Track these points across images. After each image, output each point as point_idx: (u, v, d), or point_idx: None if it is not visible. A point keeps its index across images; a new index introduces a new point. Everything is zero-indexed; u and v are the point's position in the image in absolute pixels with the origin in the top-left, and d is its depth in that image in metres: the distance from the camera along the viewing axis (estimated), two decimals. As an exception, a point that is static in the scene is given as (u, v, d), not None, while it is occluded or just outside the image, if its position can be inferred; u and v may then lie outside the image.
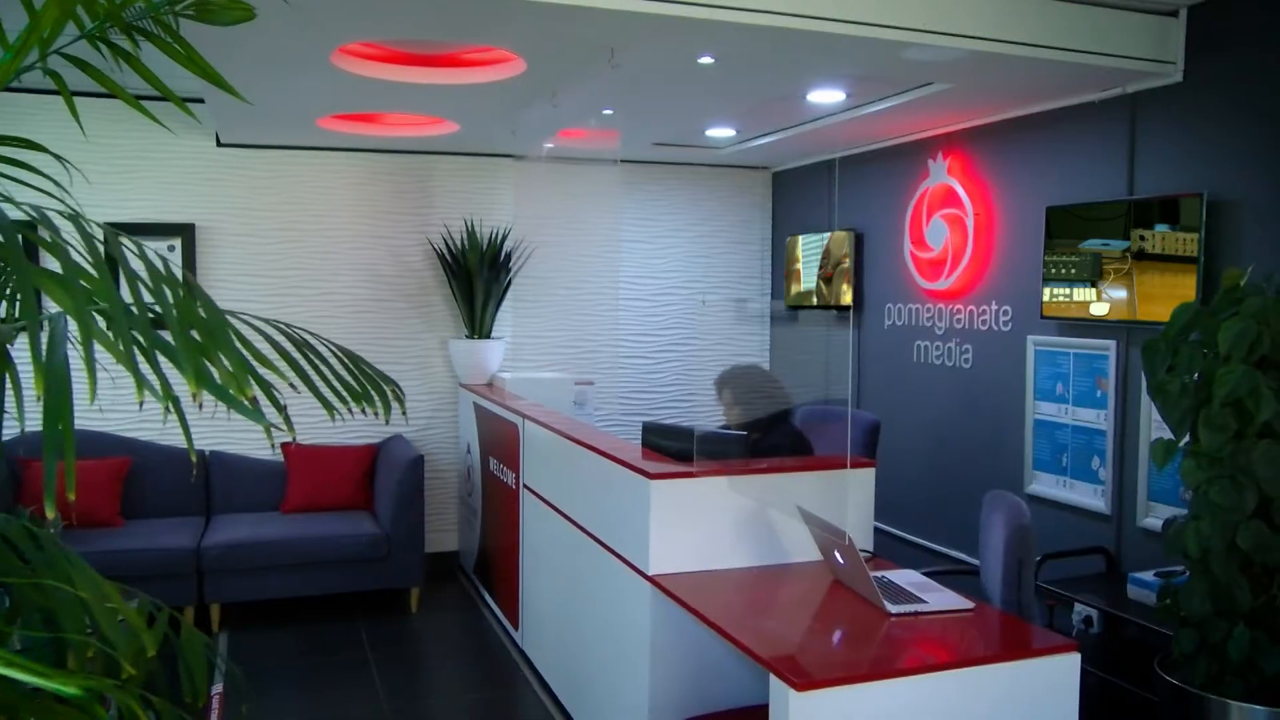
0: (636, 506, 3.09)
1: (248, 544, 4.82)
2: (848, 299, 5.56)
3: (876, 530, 5.32)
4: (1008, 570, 2.77)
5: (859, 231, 5.48)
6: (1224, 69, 3.43)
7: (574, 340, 6.15)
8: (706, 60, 3.51)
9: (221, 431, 5.45)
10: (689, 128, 5.03)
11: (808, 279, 6.05)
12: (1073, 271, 3.96)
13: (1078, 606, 3.85)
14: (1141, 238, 3.62)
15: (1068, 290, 3.97)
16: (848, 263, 5.56)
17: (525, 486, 4.40)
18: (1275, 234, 3.22)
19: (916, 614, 2.60)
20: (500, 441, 4.85)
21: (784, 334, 6.56)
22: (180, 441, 5.35)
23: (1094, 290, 3.84)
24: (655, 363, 6.32)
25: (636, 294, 6.27)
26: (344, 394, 1.24)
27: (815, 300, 5.99)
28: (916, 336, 5.05)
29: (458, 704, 4.12)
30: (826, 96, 4.24)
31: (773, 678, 2.25)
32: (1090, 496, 4.02)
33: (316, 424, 5.61)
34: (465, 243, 5.61)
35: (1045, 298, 4.09)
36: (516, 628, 4.59)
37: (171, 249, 5.32)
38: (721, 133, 5.20)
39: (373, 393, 1.24)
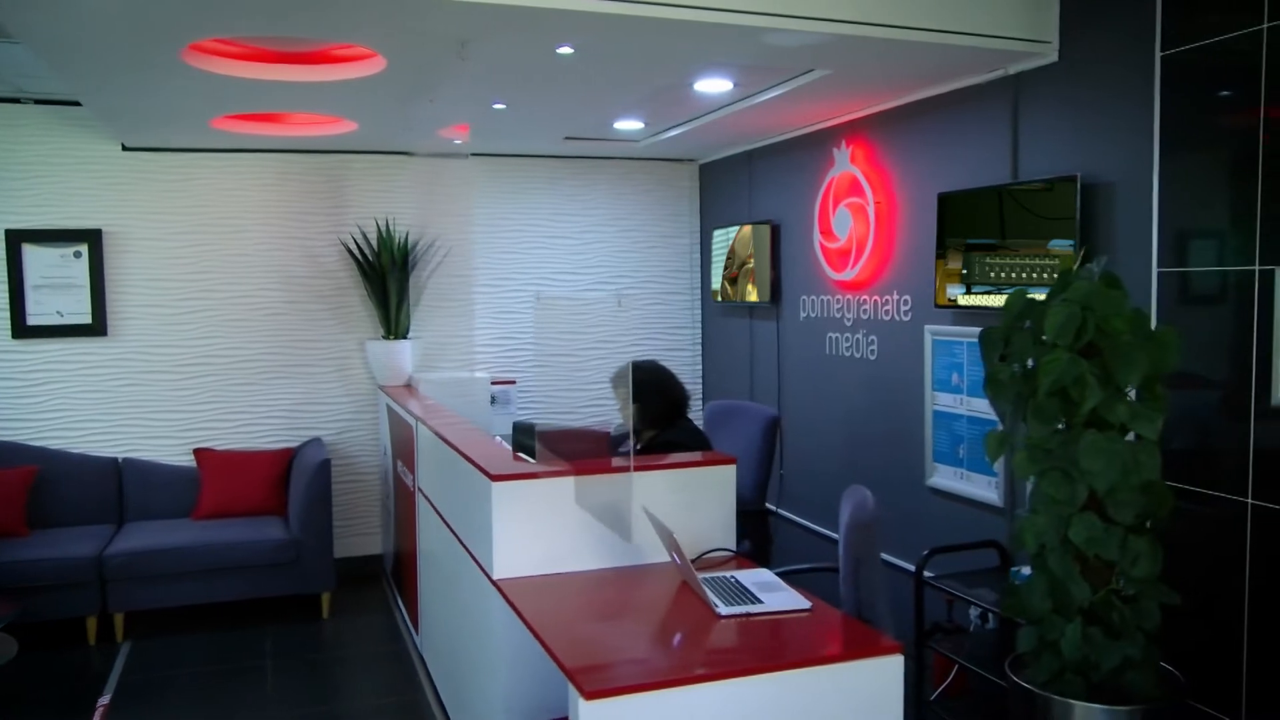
0: (482, 508, 3.01)
1: (151, 552, 4.76)
2: (754, 298, 5.46)
3: (790, 522, 5.28)
4: (845, 568, 2.69)
5: (775, 223, 5.38)
6: (1096, 48, 3.34)
7: (496, 339, 6.07)
8: (566, 50, 3.43)
9: (134, 438, 5.39)
10: (591, 121, 4.93)
11: (714, 278, 5.98)
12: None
13: (973, 603, 3.77)
14: None
15: None
16: (752, 263, 5.47)
17: (419, 489, 4.33)
18: (1143, 216, 3.13)
19: (748, 615, 2.53)
20: (402, 444, 4.78)
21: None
22: (92, 449, 5.29)
23: None
24: (581, 360, 6.24)
25: (561, 290, 6.19)
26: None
27: (721, 299, 5.92)
28: (829, 328, 4.96)
29: (350, 708, 4.05)
30: (714, 86, 4.15)
31: (570, 685, 2.18)
32: (985, 489, 3.93)
33: (232, 429, 5.57)
34: (378, 243, 5.53)
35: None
36: (418, 632, 4.52)
37: (78, 255, 5.26)
38: (630, 125, 5.11)
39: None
